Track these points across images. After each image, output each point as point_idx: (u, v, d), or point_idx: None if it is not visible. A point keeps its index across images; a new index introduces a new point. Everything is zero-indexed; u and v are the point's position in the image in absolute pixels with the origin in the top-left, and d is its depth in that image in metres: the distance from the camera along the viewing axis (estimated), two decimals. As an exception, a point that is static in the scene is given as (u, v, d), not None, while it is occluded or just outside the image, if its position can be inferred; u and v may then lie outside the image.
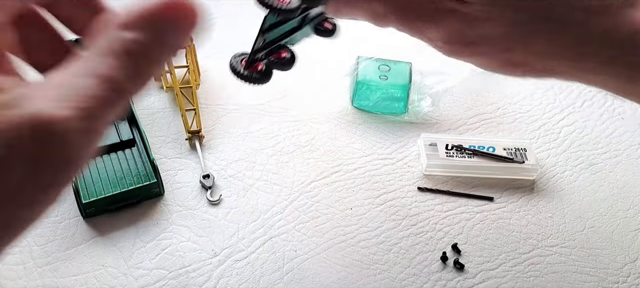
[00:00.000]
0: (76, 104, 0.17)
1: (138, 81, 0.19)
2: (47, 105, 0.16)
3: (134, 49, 0.18)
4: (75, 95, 0.17)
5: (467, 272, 0.41)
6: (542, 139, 0.54)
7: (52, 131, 0.16)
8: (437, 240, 0.44)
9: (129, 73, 0.18)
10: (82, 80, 0.17)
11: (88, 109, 0.17)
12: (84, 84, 0.17)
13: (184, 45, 0.21)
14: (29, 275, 0.40)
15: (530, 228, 0.45)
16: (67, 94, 0.17)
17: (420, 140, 0.52)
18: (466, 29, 0.30)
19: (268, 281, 0.40)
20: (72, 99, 0.17)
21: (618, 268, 0.43)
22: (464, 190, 0.48)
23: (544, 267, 0.42)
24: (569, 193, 0.49)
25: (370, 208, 0.46)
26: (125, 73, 0.18)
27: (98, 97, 0.17)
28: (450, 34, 0.31)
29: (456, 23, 0.30)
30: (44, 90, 0.17)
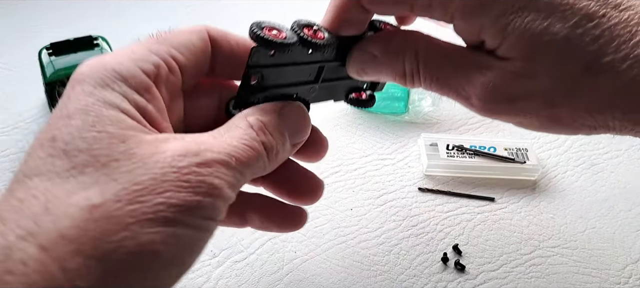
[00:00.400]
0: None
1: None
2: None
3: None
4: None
5: (468, 273, 0.41)
6: (544, 139, 0.54)
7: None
8: (438, 240, 0.43)
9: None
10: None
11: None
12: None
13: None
14: (27, 276, 0.39)
15: (531, 229, 0.45)
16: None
17: (420, 140, 0.51)
18: (504, 86, 0.28)
19: (267, 282, 0.40)
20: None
21: (619, 269, 0.42)
22: (465, 191, 0.48)
23: (545, 267, 0.42)
24: (570, 193, 0.49)
25: (371, 209, 0.46)
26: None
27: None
28: (485, 91, 0.28)
29: (493, 80, 0.28)
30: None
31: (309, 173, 0.35)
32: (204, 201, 0.23)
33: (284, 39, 0.28)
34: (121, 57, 0.25)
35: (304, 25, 0.31)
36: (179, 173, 0.22)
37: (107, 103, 0.23)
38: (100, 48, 0.51)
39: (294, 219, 0.34)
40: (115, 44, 0.55)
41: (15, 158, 0.48)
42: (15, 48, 0.62)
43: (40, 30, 0.65)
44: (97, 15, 0.68)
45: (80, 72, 0.24)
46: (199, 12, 0.70)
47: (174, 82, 0.28)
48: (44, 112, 0.53)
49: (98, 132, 0.22)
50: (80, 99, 0.23)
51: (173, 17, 0.69)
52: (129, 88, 0.25)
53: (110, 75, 0.24)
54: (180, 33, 0.29)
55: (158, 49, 0.27)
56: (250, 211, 0.34)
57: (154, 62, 0.26)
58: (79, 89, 0.24)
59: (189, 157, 0.23)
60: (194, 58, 0.29)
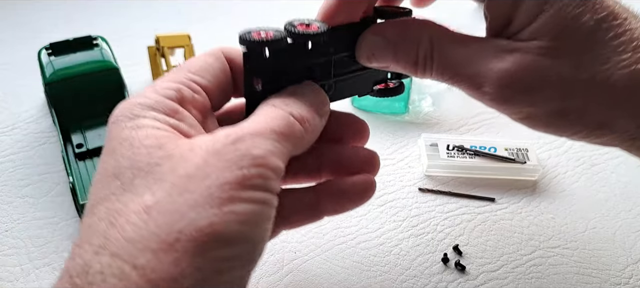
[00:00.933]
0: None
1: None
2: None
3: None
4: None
5: (468, 274, 0.41)
6: (544, 139, 0.54)
7: None
8: (438, 241, 0.43)
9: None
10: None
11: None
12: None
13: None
14: (26, 276, 0.39)
15: (532, 229, 0.45)
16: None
17: (420, 140, 0.51)
18: (524, 71, 0.28)
19: (267, 282, 0.40)
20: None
21: (620, 269, 0.42)
22: (465, 191, 0.48)
23: (545, 268, 0.42)
24: (570, 194, 0.48)
25: (371, 209, 0.46)
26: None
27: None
28: (502, 77, 0.28)
29: (513, 65, 0.28)
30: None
31: (356, 150, 0.36)
32: (250, 172, 0.23)
33: (271, 37, 0.28)
34: (145, 93, 0.28)
35: (296, 23, 0.30)
36: (219, 155, 0.24)
37: (140, 127, 0.26)
38: (100, 48, 0.51)
39: (365, 187, 0.35)
40: (115, 44, 0.55)
41: (14, 159, 0.48)
42: (15, 48, 0.62)
43: (40, 30, 0.65)
44: (97, 15, 0.68)
45: (113, 115, 0.27)
46: (199, 12, 0.70)
47: (201, 102, 0.29)
48: (43, 112, 0.53)
49: (137, 149, 0.25)
50: (118, 134, 0.26)
51: (173, 17, 0.69)
52: (158, 113, 0.27)
53: (138, 107, 0.27)
54: (197, 59, 0.30)
55: (177, 76, 0.29)
56: (323, 199, 0.34)
57: (175, 88, 0.28)
58: (114, 128, 0.26)
59: (223, 140, 0.24)
60: (215, 79, 0.30)
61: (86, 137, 0.47)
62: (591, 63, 0.28)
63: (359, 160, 0.35)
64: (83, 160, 0.46)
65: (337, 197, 0.34)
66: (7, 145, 0.50)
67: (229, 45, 0.31)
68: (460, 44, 0.30)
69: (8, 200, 0.45)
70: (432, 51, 0.30)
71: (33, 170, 0.47)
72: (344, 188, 0.34)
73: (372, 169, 0.35)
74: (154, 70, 0.57)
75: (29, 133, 0.51)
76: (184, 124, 0.27)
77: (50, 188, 0.46)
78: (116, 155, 0.25)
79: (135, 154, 0.24)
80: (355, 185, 0.34)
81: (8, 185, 0.46)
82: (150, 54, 0.56)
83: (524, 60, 0.28)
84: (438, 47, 0.30)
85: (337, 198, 0.34)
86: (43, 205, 0.44)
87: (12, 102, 0.54)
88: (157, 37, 0.55)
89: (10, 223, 0.43)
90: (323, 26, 0.30)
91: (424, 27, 0.31)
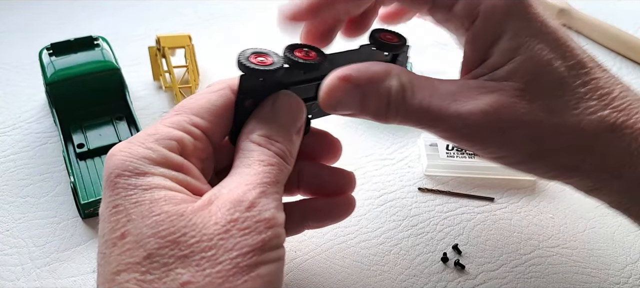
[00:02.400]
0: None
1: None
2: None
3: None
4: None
5: (467, 273, 0.41)
6: (543, 139, 0.54)
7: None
8: (437, 240, 0.43)
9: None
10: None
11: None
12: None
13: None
14: (27, 276, 0.39)
15: (531, 229, 0.45)
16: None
17: (420, 140, 0.51)
18: (499, 112, 0.29)
19: (268, 282, 0.40)
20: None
21: (619, 268, 0.42)
22: (465, 191, 0.48)
23: (545, 267, 0.42)
24: (570, 193, 0.49)
25: (371, 209, 0.46)
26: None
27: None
28: (478, 118, 0.29)
29: (490, 104, 0.29)
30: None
31: (335, 171, 0.38)
32: (267, 235, 0.25)
33: (270, 65, 0.29)
34: (146, 141, 0.28)
35: (294, 47, 0.31)
36: (237, 223, 0.25)
37: (153, 188, 0.26)
38: (101, 48, 0.51)
39: (345, 205, 0.38)
40: (115, 44, 0.55)
41: (15, 159, 0.48)
42: (15, 48, 0.62)
43: (40, 30, 0.65)
44: (98, 16, 0.68)
45: (114, 165, 0.27)
46: (199, 12, 0.70)
47: (201, 149, 0.30)
48: (44, 112, 0.53)
49: (158, 215, 0.25)
50: (130, 193, 0.26)
51: (173, 17, 0.69)
52: (165, 168, 0.27)
53: (143, 163, 0.27)
54: (201, 97, 0.31)
55: (178, 121, 0.29)
56: (306, 217, 0.37)
57: (177, 137, 0.28)
58: (122, 182, 0.26)
59: (236, 207, 0.26)
60: (217, 119, 0.30)
61: (87, 137, 0.47)
62: (563, 108, 0.29)
63: (338, 180, 0.38)
64: (84, 160, 0.46)
65: (321, 215, 0.37)
66: (8, 145, 0.50)
67: (235, 79, 0.31)
68: (433, 85, 0.31)
69: (9, 199, 0.45)
70: (404, 91, 0.30)
71: (34, 170, 0.47)
72: (327, 208, 0.37)
73: (350, 189, 0.38)
74: (154, 70, 0.57)
75: (30, 133, 0.51)
76: (191, 177, 0.28)
77: (51, 188, 0.46)
78: (136, 222, 0.25)
79: (158, 224, 0.25)
80: (339, 205, 0.37)
81: (9, 185, 0.46)
82: (150, 54, 0.56)
83: (499, 100, 0.29)
84: (410, 86, 0.30)
85: (321, 216, 0.37)
86: (44, 205, 0.44)
87: (13, 102, 0.55)
88: (158, 38, 0.55)
89: (11, 223, 0.43)
90: (321, 55, 0.31)
91: (393, 68, 0.31)
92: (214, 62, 0.61)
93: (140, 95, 0.56)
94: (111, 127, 0.49)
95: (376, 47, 0.35)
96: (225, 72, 0.60)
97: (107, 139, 0.47)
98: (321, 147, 0.38)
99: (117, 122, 0.49)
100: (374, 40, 0.35)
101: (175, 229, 0.25)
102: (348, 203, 0.38)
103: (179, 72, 0.56)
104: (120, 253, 0.25)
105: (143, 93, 0.56)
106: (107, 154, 0.28)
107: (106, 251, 0.25)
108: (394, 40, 0.35)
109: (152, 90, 0.57)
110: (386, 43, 0.34)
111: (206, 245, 0.24)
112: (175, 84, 0.53)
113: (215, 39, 0.65)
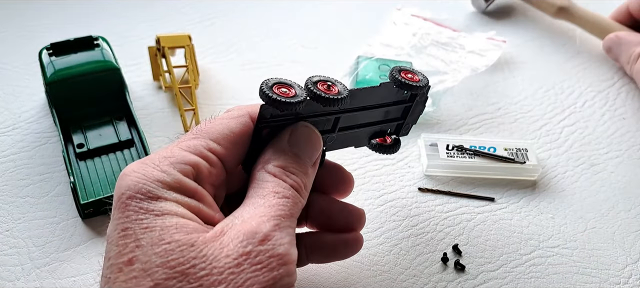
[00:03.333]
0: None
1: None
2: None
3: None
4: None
5: (467, 273, 0.41)
6: (544, 139, 0.54)
7: None
8: (437, 241, 0.43)
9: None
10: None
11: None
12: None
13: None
14: (27, 276, 0.39)
15: (531, 229, 0.45)
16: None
17: (420, 140, 0.51)
18: None
19: (267, 282, 0.40)
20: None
21: (619, 269, 0.42)
22: (465, 191, 0.48)
23: (545, 268, 0.42)
24: (570, 193, 0.49)
25: (371, 209, 0.46)
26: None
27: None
28: None
29: None
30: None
31: (345, 206, 0.37)
32: (279, 273, 0.24)
33: (293, 97, 0.29)
34: (160, 164, 0.27)
35: (317, 81, 0.31)
36: (250, 258, 0.24)
37: (165, 214, 0.25)
38: (101, 48, 0.51)
39: (352, 244, 0.37)
40: (115, 44, 0.55)
41: (15, 159, 0.48)
42: (15, 48, 0.62)
43: (40, 30, 0.65)
44: (97, 16, 0.68)
45: (126, 186, 0.26)
46: (199, 12, 0.70)
47: (216, 175, 0.29)
48: (44, 112, 0.53)
49: (168, 244, 0.24)
50: (141, 217, 0.25)
51: (173, 17, 0.69)
52: (178, 194, 0.26)
53: (156, 186, 0.26)
54: (220, 122, 0.30)
55: (195, 145, 0.28)
56: (311, 251, 0.36)
57: (192, 162, 0.28)
58: (134, 205, 0.25)
59: (249, 240, 0.25)
60: (233, 146, 0.30)
61: (87, 136, 0.47)
62: None
63: (348, 217, 0.36)
64: (84, 160, 0.46)
65: (326, 252, 0.36)
66: (7, 145, 0.50)
67: (254, 107, 0.31)
68: None
69: (9, 200, 0.45)
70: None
71: (34, 170, 0.47)
72: (333, 244, 0.36)
73: (359, 226, 0.37)
74: (154, 70, 0.57)
75: (29, 133, 0.51)
76: (204, 204, 0.27)
77: (51, 188, 0.46)
78: (145, 249, 0.24)
79: (168, 253, 0.24)
80: (346, 242, 0.36)
81: (9, 185, 0.46)
82: (150, 54, 0.56)
83: None
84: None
85: (326, 252, 0.36)
86: (44, 205, 0.44)
87: (13, 102, 0.55)
88: (158, 37, 0.55)
89: (11, 223, 0.43)
90: (344, 90, 0.31)
91: None
92: (214, 62, 0.61)
93: (140, 95, 0.56)
94: (111, 127, 0.49)
95: (396, 86, 0.35)
96: (225, 72, 0.60)
97: (107, 139, 0.47)
98: (333, 181, 0.37)
99: (117, 122, 0.49)
100: (394, 79, 0.35)
101: (184, 260, 0.24)
102: (355, 241, 0.37)
103: (179, 72, 0.56)
104: (126, 280, 0.24)
105: (143, 93, 0.56)
106: (121, 173, 0.27)
107: (111, 276, 0.24)
108: (415, 80, 0.35)
109: (152, 90, 0.57)
110: (406, 82, 0.35)
111: (216, 279, 0.23)
112: (175, 84, 0.53)
113: (215, 39, 0.65)
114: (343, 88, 0.32)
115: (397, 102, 0.37)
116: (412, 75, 0.35)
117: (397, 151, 0.40)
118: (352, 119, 0.35)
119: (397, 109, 0.38)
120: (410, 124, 0.40)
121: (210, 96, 0.56)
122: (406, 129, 0.40)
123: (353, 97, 0.33)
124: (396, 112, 0.38)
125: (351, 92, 0.32)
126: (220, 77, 0.59)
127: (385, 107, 0.37)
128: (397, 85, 0.35)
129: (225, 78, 0.59)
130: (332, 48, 0.64)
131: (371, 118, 0.37)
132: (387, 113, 0.38)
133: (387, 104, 0.37)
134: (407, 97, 0.37)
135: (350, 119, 0.35)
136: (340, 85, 0.32)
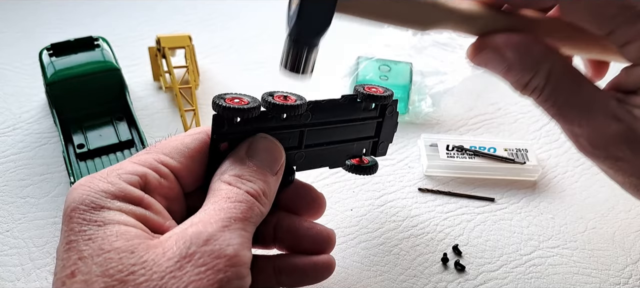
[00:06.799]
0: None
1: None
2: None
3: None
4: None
5: (467, 274, 0.41)
6: (544, 140, 0.54)
7: None
8: (437, 241, 0.43)
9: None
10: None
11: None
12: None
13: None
14: (28, 276, 0.39)
15: (531, 230, 0.45)
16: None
17: (420, 140, 0.51)
18: (625, 141, 0.29)
19: (268, 283, 0.40)
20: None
21: (619, 269, 0.42)
22: (465, 191, 0.48)
23: (545, 268, 0.42)
24: (570, 194, 0.49)
25: (371, 210, 0.46)
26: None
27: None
28: (602, 140, 0.29)
29: (613, 130, 0.29)
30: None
31: (313, 226, 0.36)
32: (226, 275, 0.24)
33: (245, 105, 0.29)
34: (108, 176, 0.27)
35: (273, 93, 0.31)
36: (192, 259, 0.23)
37: (107, 223, 0.25)
38: (101, 48, 0.51)
39: (322, 267, 0.35)
40: (115, 44, 0.55)
41: (15, 159, 0.48)
42: (15, 48, 0.62)
43: (40, 31, 0.65)
44: (97, 16, 0.68)
45: (72, 199, 0.26)
46: (199, 12, 0.70)
47: (167, 187, 0.29)
48: (45, 113, 0.53)
49: (108, 253, 0.24)
50: (83, 229, 0.25)
51: (173, 17, 0.69)
52: (123, 202, 0.26)
53: (100, 196, 0.26)
54: (175, 138, 0.30)
55: (145, 158, 0.29)
56: (280, 273, 0.34)
57: (140, 173, 0.28)
58: (77, 217, 0.25)
59: (193, 241, 0.24)
60: (188, 160, 0.30)
61: (87, 137, 0.47)
62: None
63: (315, 237, 0.35)
64: (84, 160, 0.46)
65: (296, 273, 0.35)
66: (8, 146, 0.50)
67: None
68: (577, 87, 0.30)
69: (9, 200, 0.45)
70: (546, 83, 0.30)
71: (34, 170, 0.47)
72: (305, 268, 0.35)
73: (329, 248, 0.36)
74: (154, 70, 0.57)
75: (30, 133, 0.51)
76: (151, 212, 0.27)
77: (51, 189, 0.46)
78: (86, 260, 0.24)
79: (107, 261, 0.23)
80: (317, 265, 0.35)
81: (9, 185, 0.46)
82: (150, 54, 0.56)
83: (629, 132, 0.29)
84: (554, 82, 0.30)
85: (295, 274, 0.35)
86: (44, 205, 0.44)
87: (13, 102, 0.55)
88: (158, 38, 0.55)
89: (11, 223, 0.43)
90: (301, 100, 0.31)
91: (547, 54, 0.30)
92: (214, 62, 0.61)
93: (140, 95, 0.56)
94: (111, 128, 0.49)
95: (361, 99, 0.35)
96: (225, 72, 0.60)
97: (107, 139, 0.47)
98: (303, 201, 0.36)
99: (117, 123, 0.49)
100: (357, 91, 0.35)
101: (123, 267, 0.23)
102: (325, 264, 0.35)
103: (179, 72, 0.56)
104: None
105: (143, 93, 0.56)
106: (70, 188, 0.27)
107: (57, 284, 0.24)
108: (378, 91, 0.36)
109: (152, 90, 0.57)
110: (368, 94, 0.35)
111: (156, 284, 0.23)
112: (176, 84, 0.53)
113: (215, 39, 0.65)
114: (301, 98, 0.32)
115: (367, 118, 0.37)
116: (375, 89, 0.36)
117: (375, 172, 0.40)
118: (320, 135, 0.35)
119: (368, 126, 0.38)
120: (386, 143, 0.40)
121: (210, 96, 0.56)
122: (383, 148, 0.40)
123: (313, 109, 0.33)
124: (368, 129, 0.38)
125: (312, 104, 0.32)
126: (220, 77, 0.59)
127: (355, 123, 0.37)
128: (360, 98, 0.35)
129: (225, 78, 0.59)
130: (332, 48, 0.64)
131: (342, 135, 0.37)
132: (359, 130, 0.37)
133: (356, 120, 0.36)
134: (377, 112, 0.37)
135: (317, 134, 0.35)
136: (298, 97, 0.32)
